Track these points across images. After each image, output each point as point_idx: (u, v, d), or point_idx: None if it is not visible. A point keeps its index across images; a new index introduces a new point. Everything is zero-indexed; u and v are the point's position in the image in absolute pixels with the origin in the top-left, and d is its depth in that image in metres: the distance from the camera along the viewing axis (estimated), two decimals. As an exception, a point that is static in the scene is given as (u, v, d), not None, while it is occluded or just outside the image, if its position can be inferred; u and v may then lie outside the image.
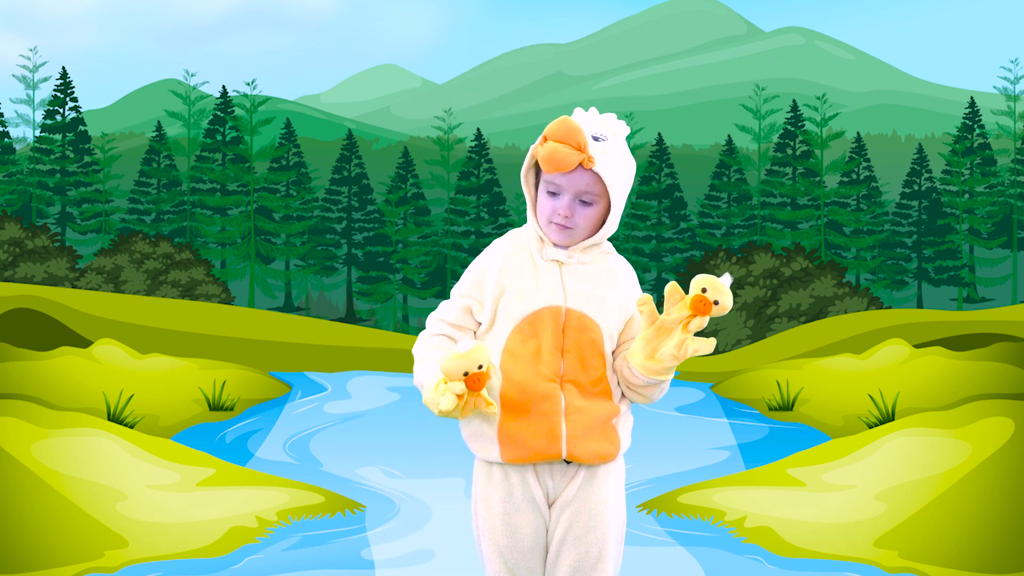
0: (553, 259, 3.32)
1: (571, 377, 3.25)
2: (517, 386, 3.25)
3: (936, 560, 6.12)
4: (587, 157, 3.25)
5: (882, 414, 11.83)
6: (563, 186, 3.29)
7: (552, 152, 3.23)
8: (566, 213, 3.28)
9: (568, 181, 3.28)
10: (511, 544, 3.30)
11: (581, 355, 3.26)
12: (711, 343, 3.14)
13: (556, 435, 3.24)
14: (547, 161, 3.24)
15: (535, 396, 3.24)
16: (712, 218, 57.11)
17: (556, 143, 3.24)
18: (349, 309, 58.07)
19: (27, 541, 6.25)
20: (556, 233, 3.31)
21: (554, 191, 3.31)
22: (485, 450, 3.30)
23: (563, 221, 3.29)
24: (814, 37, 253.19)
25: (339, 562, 6.41)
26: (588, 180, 3.28)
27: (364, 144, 73.73)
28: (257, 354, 19.90)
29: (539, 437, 3.24)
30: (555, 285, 3.29)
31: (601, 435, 3.28)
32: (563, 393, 3.25)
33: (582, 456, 3.25)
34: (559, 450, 3.24)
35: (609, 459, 3.30)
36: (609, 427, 3.30)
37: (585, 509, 3.28)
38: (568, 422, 3.24)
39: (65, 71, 55.66)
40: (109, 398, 12.30)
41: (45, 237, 44.24)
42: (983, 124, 57.27)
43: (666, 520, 7.38)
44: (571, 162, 3.23)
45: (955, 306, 55.39)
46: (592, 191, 3.29)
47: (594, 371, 3.27)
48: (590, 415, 3.25)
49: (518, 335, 3.28)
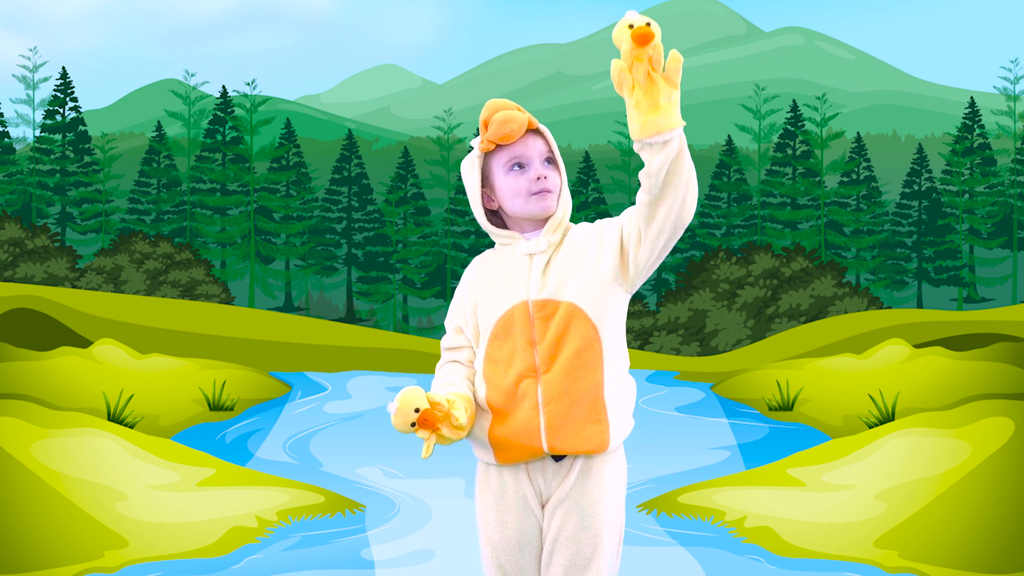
0: (524, 253, 3.31)
1: (547, 367, 3.22)
2: (498, 390, 3.26)
3: (936, 560, 6.12)
4: (529, 117, 3.29)
5: (882, 414, 11.83)
6: (527, 154, 3.29)
7: (503, 121, 3.26)
8: (542, 174, 3.28)
9: (527, 147, 3.29)
10: (501, 540, 3.31)
11: (555, 340, 3.22)
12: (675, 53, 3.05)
13: (535, 430, 3.21)
14: (504, 125, 3.25)
15: (515, 396, 3.24)
16: (712, 218, 57.11)
17: (498, 113, 3.28)
18: (349, 309, 58.08)
19: (27, 541, 6.26)
20: (540, 202, 3.28)
21: (520, 162, 3.29)
22: (483, 454, 3.32)
23: (545, 184, 3.27)
24: (814, 37, 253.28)
25: (339, 562, 6.41)
26: (541, 141, 3.31)
27: (364, 144, 73.78)
28: (257, 354, 19.90)
29: (520, 435, 3.23)
30: (521, 282, 3.29)
31: (586, 417, 3.21)
32: (540, 386, 3.22)
33: (564, 448, 3.20)
34: (539, 444, 3.21)
35: (600, 449, 3.22)
36: (597, 404, 3.21)
37: (577, 508, 3.24)
38: (545, 413, 3.20)
39: (65, 71, 55.67)
40: (109, 398, 12.30)
41: (45, 237, 44.24)
42: (983, 124, 57.29)
43: (666, 520, 7.38)
44: (522, 122, 3.26)
45: (955, 306, 55.41)
46: (546, 152, 3.31)
47: (571, 347, 3.21)
48: (572, 397, 3.20)
49: (495, 341, 3.29)
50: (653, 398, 15.48)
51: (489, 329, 3.30)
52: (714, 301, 38.28)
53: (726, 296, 38.28)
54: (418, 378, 18.72)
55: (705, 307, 38.27)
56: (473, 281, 3.38)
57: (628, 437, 3.36)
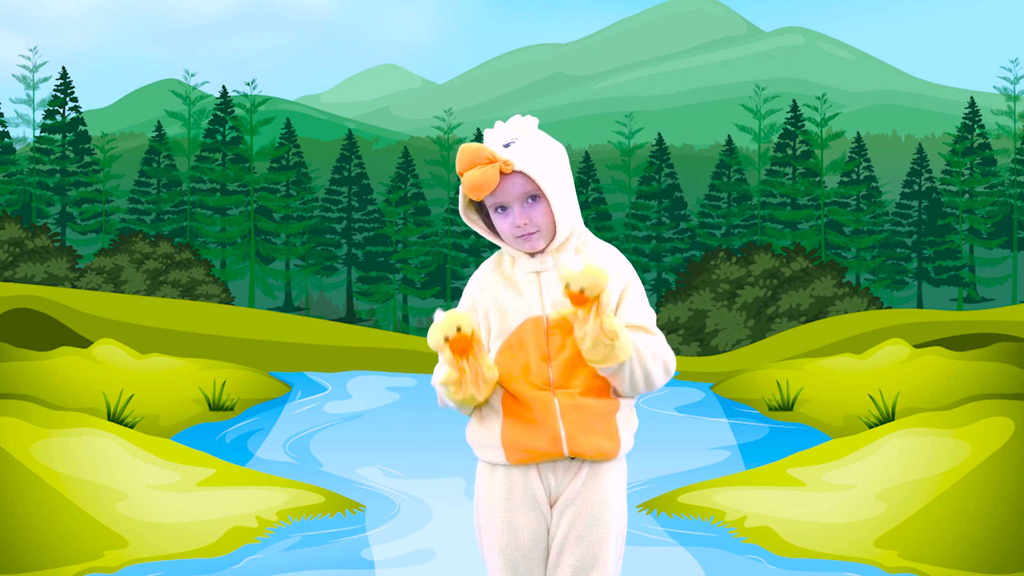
0: (530, 271, 3.33)
1: (561, 383, 3.28)
2: (513, 397, 3.30)
3: (936, 560, 6.12)
4: (503, 162, 3.26)
5: (882, 414, 11.83)
6: (504, 199, 3.30)
7: (470, 180, 3.25)
8: (521, 221, 3.29)
9: (504, 193, 3.29)
10: (511, 542, 3.32)
11: (569, 359, 3.27)
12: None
13: (556, 436, 3.26)
14: (472, 190, 3.26)
15: (531, 403, 3.28)
16: (712, 218, 57.13)
17: (469, 171, 3.26)
18: (349, 309, 58.08)
19: (27, 541, 6.25)
20: (526, 243, 3.32)
21: (502, 205, 3.31)
22: (491, 455, 3.32)
23: (524, 229, 3.30)
24: (814, 37, 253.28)
25: (339, 562, 6.41)
26: (520, 182, 3.28)
27: (364, 144, 73.77)
28: (257, 354, 19.90)
29: (540, 439, 3.28)
30: (534, 296, 3.31)
31: (602, 431, 3.28)
32: (556, 399, 3.27)
33: (584, 450, 3.26)
34: (560, 449, 3.27)
35: (610, 456, 3.30)
36: (610, 423, 3.29)
37: (587, 508, 3.29)
38: (565, 421, 3.26)
39: (65, 71, 55.67)
40: (109, 398, 12.30)
41: (45, 237, 44.25)
42: (983, 124, 57.29)
43: (666, 520, 7.38)
44: (491, 178, 3.24)
45: (955, 306, 55.41)
46: (529, 190, 3.28)
47: (585, 369, 3.27)
48: (587, 412, 3.27)
49: (507, 351, 3.32)
50: (653, 398, 15.48)
51: (502, 340, 3.33)
52: (714, 301, 38.28)
53: (726, 296, 38.28)
54: (418, 378, 18.72)
55: (705, 307, 38.28)
56: (484, 286, 3.40)
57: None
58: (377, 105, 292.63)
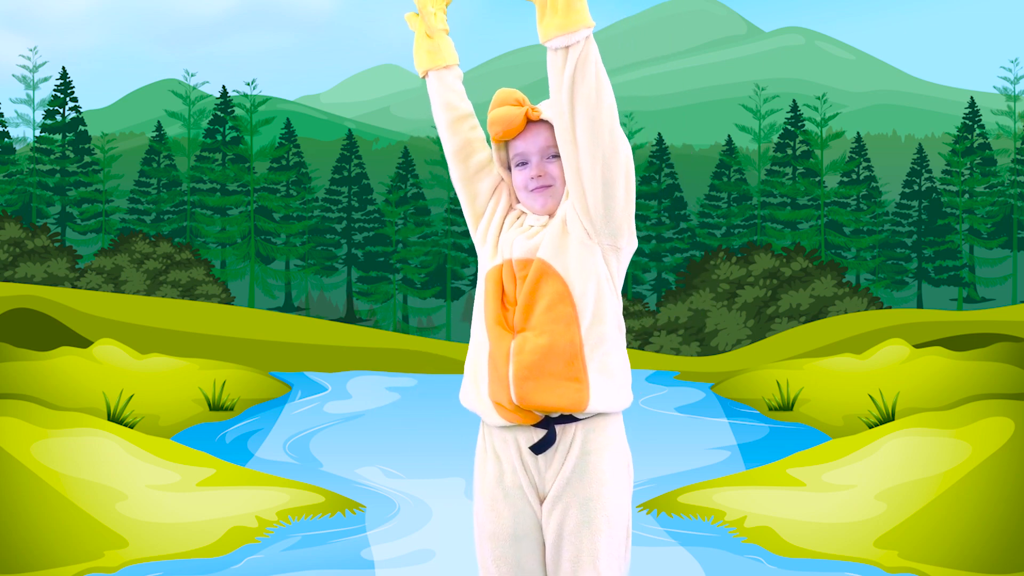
0: (532, 224, 3.29)
1: (521, 324, 3.18)
2: (481, 346, 3.24)
3: (936, 560, 6.12)
4: (531, 108, 3.25)
5: (882, 414, 11.83)
6: (526, 150, 3.27)
7: (495, 116, 3.25)
8: (536, 173, 3.24)
9: (527, 142, 3.26)
10: (495, 530, 3.25)
11: (529, 298, 3.17)
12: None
13: (504, 380, 3.16)
14: (495, 125, 3.24)
15: (493, 350, 3.19)
16: (712, 218, 57.09)
17: (493, 113, 3.27)
18: (349, 309, 58.05)
19: (27, 541, 6.25)
20: (537, 199, 3.26)
21: (521, 160, 3.28)
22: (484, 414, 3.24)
23: (539, 181, 3.24)
24: (814, 37, 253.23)
25: (339, 562, 6.41)
26: (545, 135, 3.25)
27: (364, 144, 73.76)
28: (257, 354, 19.90)
29: (495, 385, 3.17)
30: (507, 240, 3.27)
31: (561, 374, 3.12)
32: (514, 341, 3.16)
33: (533, 401, 3.11)
34: (509, 395, 3.14)
35: (576, 407, 3.13)
36: (574, 364, 3.13)
37: (576, 503, 3.17)
38: (515, 363, 3.13)
39: (65, 71, 55.65)
40: (109, 398, 12.30)
41: (45, 237, 44.23)
42: (983, 124, 57.27)
43: (666, 520, 7.38)
44: (514, 117, 3.23)
45: (955, 306, 55.39)
46: (551, 144, 3.25)
47: (542, 303, 3.15)
48: (540, 352, 3.12)
49: (481, 294, 3.28)
50: (653, 398, 15.48)
51: (481, 280, 3.29)
52: (714, 301, 38.27)
53: (726, 296, 38.27)
54: (418, 378, 18.70)
55: (705, 307, 38.27)
56: (497, 205, 3.38)
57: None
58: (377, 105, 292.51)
